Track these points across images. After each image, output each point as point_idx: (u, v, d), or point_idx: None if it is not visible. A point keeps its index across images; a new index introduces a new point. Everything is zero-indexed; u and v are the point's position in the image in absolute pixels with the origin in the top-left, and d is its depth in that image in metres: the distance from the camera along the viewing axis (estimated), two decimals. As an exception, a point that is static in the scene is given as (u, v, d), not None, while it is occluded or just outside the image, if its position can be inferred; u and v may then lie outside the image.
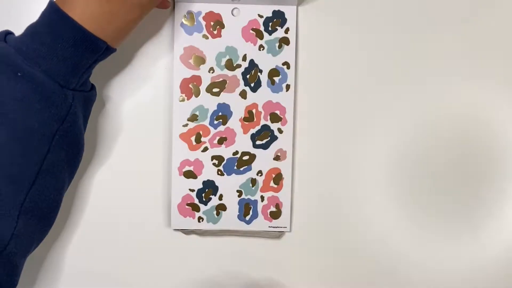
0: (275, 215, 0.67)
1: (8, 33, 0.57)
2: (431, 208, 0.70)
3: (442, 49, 0.69)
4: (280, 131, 0.66)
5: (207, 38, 0.65)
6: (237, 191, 0.67)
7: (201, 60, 0.65)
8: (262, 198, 0.67)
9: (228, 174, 0.67)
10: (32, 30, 0.55)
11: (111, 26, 0.56)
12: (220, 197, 0.67)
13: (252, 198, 0.67)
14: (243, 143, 0.66)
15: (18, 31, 0.57)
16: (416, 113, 0.69)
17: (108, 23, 0.56)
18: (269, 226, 0.67)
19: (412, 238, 0.70)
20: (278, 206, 0.67)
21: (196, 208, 0.67)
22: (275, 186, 0.67)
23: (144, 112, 0.67)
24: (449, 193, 0.70)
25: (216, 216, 0.67)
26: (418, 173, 0.69)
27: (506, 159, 0.70)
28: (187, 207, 0.67)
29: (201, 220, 0.67)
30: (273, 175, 0.67)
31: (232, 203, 0.67)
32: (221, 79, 0.66)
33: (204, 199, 0.67)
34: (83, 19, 0.54)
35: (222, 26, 0.65)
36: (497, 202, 0.70)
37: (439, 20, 0.68)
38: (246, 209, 0.67)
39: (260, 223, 0.67)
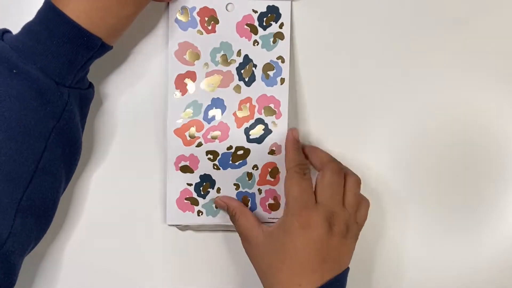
0: (274, 207, 0.68)
1: (5, 32, 0.57)
2: (431, 205, 0.70)
3: (442, 46, 0.68)
4: (274, 124, 0.67)
5: (201, 33, 0.65)
6: (234, 184, 0.67)
7: (195, 56, 0.66)
8: (260, 191, 0.67)
9: (224, 169, 0.67)
10: (28, 28, 0.56)
11: (105, 23, 0.56)
12: (218, 190, 0.67)
13: (250, 191, 0.67)
14: (237, 137, 0.66)
15: (17, 31, 0.57)
16: (414, 109, 0.69)
17: (102, 19, 0.56)
18: (268, 218, 0.67)
19: (412, 237, 0.70)
20: (276, 198, 0.67)
21: (195, 202, 0.67)
22: (272, 179, 0.67)
23: (139, 109, 0.67)
24: (449, 192, 0.70)
25: (215, 209, 0.67)
26: (418, 171, 0.69)
27: (506, 158, 0.69)
28: (185, 201, 0.67)
29: (200, 213, 0.67)
30: (269, 169, 0.67)
31: (230, 196, 0.67)
32: (215, 75, 0.66)
33: (202, 193, 0.67)
34: (78, 16, 0.55)
35: (216, 21, 0.65)
36: (497, 201, 0.70)
37: (437, 16, 0.68)
38: (245, 202, 0.67)
39: (259, 215, 0.67)
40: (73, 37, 0.55)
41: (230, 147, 0.66)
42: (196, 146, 0.66)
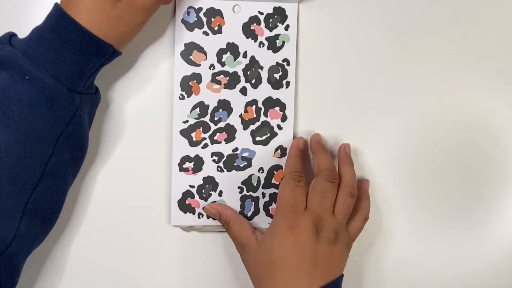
0: (276, 212, 0.67)
1: (12, 35, 0.57)
2: (431, 206, 0.70)
3: (443, 48, 0.69)
4: (279, 127, 0.67)
5: (207, 34, 0.65)
6: (239, 187, 0.67)
7: (201, 57, 0.65)
8: (264, 194, 0.67)
9: (228, 171, 0.66)
10: (38, 34, 0.55)
11: (117, 31, 0.56)
12: (220, 193, 0.67)
13: (254, 195, 0.67)
14: (243, 139, 0.66)
15: (18, 31, 0.57)
16: (416, 111, 0.69)
17: (114, 28, 0.56)
18: (268, 223, 0.67)
19: (412, 237, 0.70)
20: (279, 203, 0.67)
21: (196, 204, 0.67)
22: (277, 183, 0.67)
23: (146, 110, 0.67)
24: (449, 192, 0.70)
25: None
26: (418, 171, 0.70)
27: (506, 159, 0.70)
28: (187, 203, 0.67)
29: (201, 216, 0.67)
30: (274, 172, 0.67)
31: (233, 199, 0.67)
32: (221, 76, 0.66)
33: (204, 195, 0.67)
34: (89, 24, 0.55)
35: (223, 22, 0.65)
36: (497, 202, 0.70)
37: (440, 19, 0.69)
38: (247, 206, 0.67)
39: (261, 220, 0.67)
40: (85, 45, 0.55)
41: (235, 149, 0.66)
42: (201, 148, 0.66)
